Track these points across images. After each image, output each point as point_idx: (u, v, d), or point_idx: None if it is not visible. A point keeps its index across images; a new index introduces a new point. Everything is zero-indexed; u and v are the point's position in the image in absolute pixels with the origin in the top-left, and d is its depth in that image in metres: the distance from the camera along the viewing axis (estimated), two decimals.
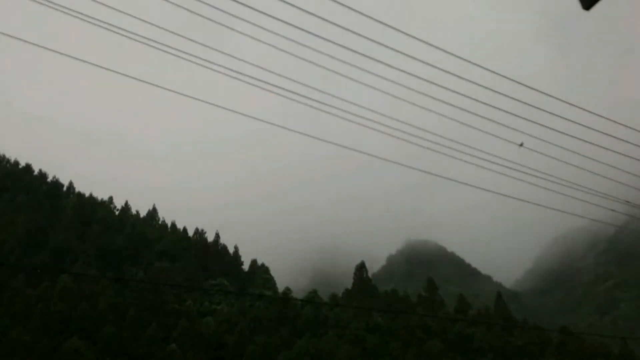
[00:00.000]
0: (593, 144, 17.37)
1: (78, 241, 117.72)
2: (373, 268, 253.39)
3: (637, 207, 22.77)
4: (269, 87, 14.97)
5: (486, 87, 14.69)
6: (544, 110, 15.83)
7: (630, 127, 16.98)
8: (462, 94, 15.52)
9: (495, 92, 14.71)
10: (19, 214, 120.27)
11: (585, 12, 7.95)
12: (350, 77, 15.58)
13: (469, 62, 13.57)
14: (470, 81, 14.77)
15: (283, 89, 15.02)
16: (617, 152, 17.78)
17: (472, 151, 17.74)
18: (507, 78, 14.59)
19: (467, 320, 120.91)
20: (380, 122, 16.51)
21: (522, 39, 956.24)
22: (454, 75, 14.10)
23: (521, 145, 18.95)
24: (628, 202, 21.80)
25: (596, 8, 7.77)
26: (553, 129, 17.05)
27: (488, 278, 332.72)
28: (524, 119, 16.63)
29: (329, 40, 13.31)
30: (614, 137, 16.89)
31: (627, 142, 17.44)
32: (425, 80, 14.96)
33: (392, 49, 13.32)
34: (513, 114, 16.53)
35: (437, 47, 13.38)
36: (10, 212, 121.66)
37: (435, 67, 14.08)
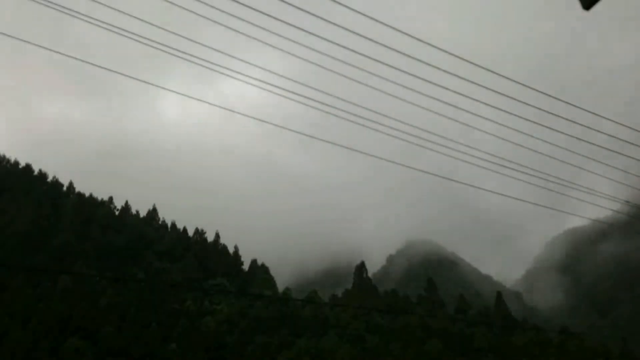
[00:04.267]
0: (593, 144, 17.38)
1: (78, 241, 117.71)
2: (373, 268, 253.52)
3: (637, 207, 22.78)
4: (274, 90, 14.99)
5: (487, 88, 14.69)
6: (544, 110, 15.83)
7: (630, 127, 16.97)
8: (463, 94, 15.53)
9: (496, 92, 14.72)
10: (19, 214, 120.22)
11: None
12: (348, 77, 15.59)
13: (470, 62, 13.57)
14: (471, 82, 14.77)
15: (280, 88, 15.05)
16: (618, 152, 17.79)
17: (473, 151, 17.75)
18: (507, 78, 14.59)
19: (467, 320, 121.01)
20: (380, 122, 16.51)
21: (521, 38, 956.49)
22: (454, 75, 14.11)
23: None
24: (628, 202, 21.82)
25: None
26: (553, 129, 17.05)
27: (488, 278, 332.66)
28: (525, 119, 16.63)
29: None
30: (614, 137, 16.89)
31: (627, 142, 17.44)
32: (425, 80, 14.96)
33: (391, 49, 13.32)
34: (513, 114, 16.53)
35: (442, 50, 13.39)
36: (10, 212, 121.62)
37: (435, 68, 14.08)
